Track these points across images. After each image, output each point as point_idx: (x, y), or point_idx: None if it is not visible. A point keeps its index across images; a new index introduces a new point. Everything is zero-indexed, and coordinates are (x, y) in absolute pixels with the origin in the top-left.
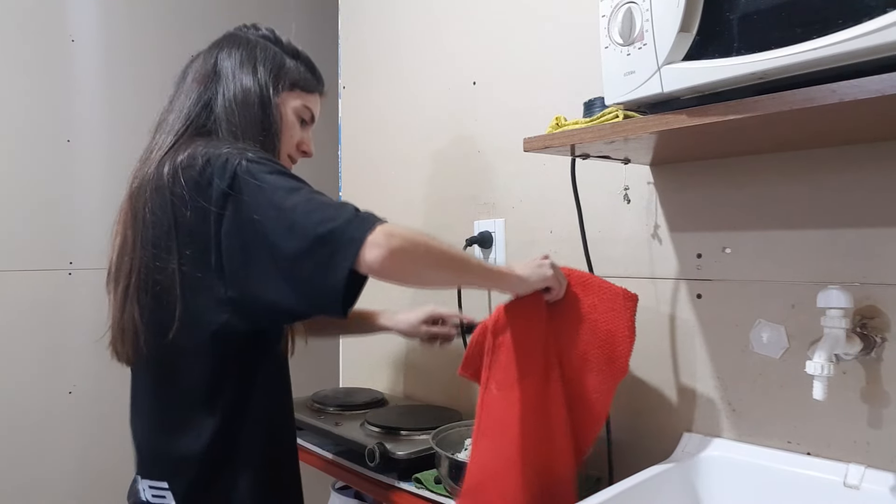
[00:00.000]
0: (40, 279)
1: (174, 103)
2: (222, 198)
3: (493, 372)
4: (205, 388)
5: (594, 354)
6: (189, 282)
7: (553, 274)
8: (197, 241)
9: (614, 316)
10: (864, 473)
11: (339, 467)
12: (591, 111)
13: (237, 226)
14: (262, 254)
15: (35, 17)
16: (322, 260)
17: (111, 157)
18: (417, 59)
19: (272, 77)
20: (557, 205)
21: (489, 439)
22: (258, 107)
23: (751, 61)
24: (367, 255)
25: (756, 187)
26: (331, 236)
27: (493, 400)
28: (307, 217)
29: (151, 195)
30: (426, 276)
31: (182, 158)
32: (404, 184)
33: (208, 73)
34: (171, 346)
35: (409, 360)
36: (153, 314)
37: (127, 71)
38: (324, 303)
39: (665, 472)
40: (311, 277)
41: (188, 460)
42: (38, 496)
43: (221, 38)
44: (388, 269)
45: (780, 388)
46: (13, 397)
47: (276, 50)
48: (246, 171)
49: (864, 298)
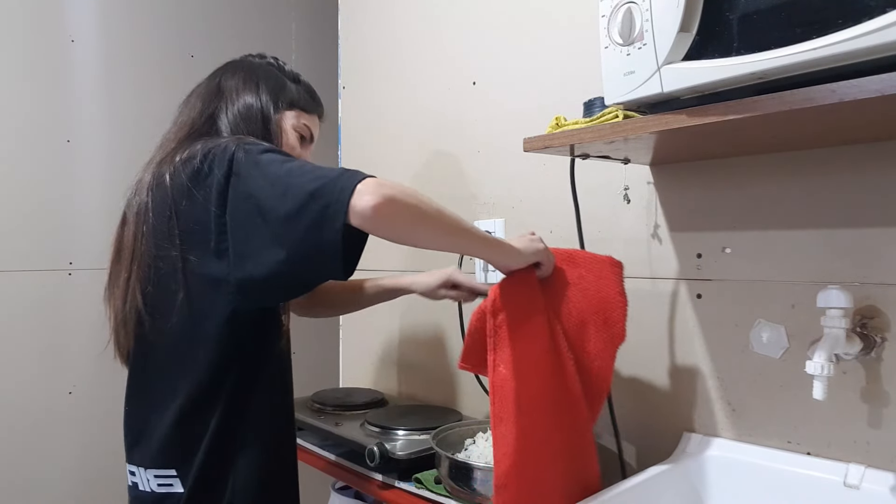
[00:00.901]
0: (40, 279)
1: (177, 120)
2: (224, 180)
3: (498, 353)
4: (208, 378)
5: (591, 319)
6: (191, 267)
7: (545, 248)
8: (197, 227)
9: (604, 283)
10: (864, 473)
11: (339, 467)
12: (591, 111)
13: (235, 205)
14: (258, 223)
15: (35, 17)
16: (315, 216)
17: (111, 158)
18: (417, 59)
19: (272, 95)
20: (557, 205)
21: (509, 423)
22: (260, 121)
23: (750, 61)
24: (358, 203)
25: (756, 187)
26: (322, 189)
27: (503, 380)
28: (299, 178)
29: (151, 194)
30: (420, 232)
31: (182, 156)
32: (404, 183)
33: (211, 92)
34: (174, 333)
35: (409, 360)
36: (156, 300)
37: (127, 71)
38: (323, 260)
39: (665, 472)
40: (306, 234)
41: (195, 446)
42: (38, 496)
43: (225, 64)
44: (380, 217)
45: (780, 388)
46: (13, 397)
47: (277, 74)
48: (245, 152)
49: (863, 298)
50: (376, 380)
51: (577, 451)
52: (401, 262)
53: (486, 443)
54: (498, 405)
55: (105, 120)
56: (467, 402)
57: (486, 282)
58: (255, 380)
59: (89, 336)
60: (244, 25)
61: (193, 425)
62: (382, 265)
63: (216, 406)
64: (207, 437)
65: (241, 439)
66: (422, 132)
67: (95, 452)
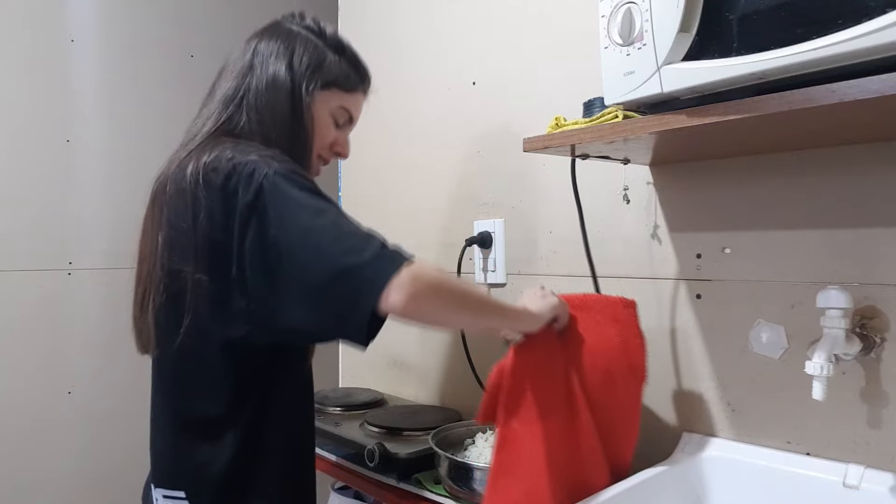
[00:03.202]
0: (40, 279)
1: (210, 98)
2: (247, 210)
3: (513, 410)
4: (224, 400)
5: (617, 367)
6: (203, 290)
7: (559, 301)
8: (216, 250)
9: (621, 326)
10: (864, 473)
11: (338, 467)
12: (591, 111)
13: (261, 244)
14: (285, 276)
15: (35, 17)
16: (346, 295)
17: (111, 157)
18: (417, 60)
19: (308, 73)
20: (557, 205)
21: (514, 477)
22: (289, 106)
23: (750, 61)
24: (391, 298)
25: (755, 187)
26: (357, 271)
27: (516, 436)
28: (333, 245)
29: (172, 196)
30: (447, 319)
31: (207, 160)
32: (404, 184)
33: (244, 66)
34: (185, 353)
35: (408, 361)
36: (169, 318)
37: (127, 71)
38: (347, 334)
39: (664, 472)
40: (334, 309)
41: (208, 473)
42: (38, 496)
43: (264, 28)
44: (410, 312)
45: (779, 389)
46: (13, 397)
47: (317, 43)
48: (273, 184)
49: (863, 299)
50: (376, 380)
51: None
52: None
53: (486, 443)
54: (506, 460)
55: (105, 120)
56: (467, 402)
57: (487, 282)
58: (276, 400)
59: (89, 336)
60: (244, 25)
61: (205, 451)
62: None
63: (231, 433)
64: (223, 462)
65: (261, 463)
66: (421, 132)
67: (95, 452)
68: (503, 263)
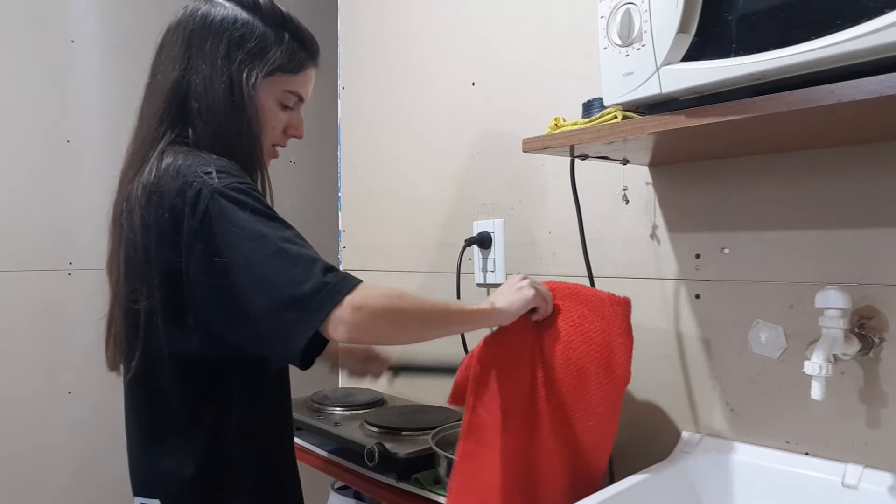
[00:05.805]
0: (40, 279)
1: (147, 103)
2: (193, 233)
3: (479, 397)
4: (187, 409)
5: (591, 367)
6: (157, 308)
7: (535, 294)
8: (168, 270)
9: (606, 323)
10: (863, 473)
11: (338, 467)
12: (590, 112)
13: (205, 266)
14: (229, 300)
15: (35, 18)
16: (284, 326)
17: (111, 158)
18: (417, 60)
19: (248, 65)
20: (556, 205)
21: (481, 462)
22: (230, 105)
23: (749, 62)
24: (332, 331)
25: (754, 188)
26: (297, 304)
27: (481, 423)
28: (276, 275)
29: (127, 215)
30: (402, 338)
31: (151, 179)
32: (403, 184)
33: (180, 61)
34: (146, 367)
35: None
36: (128, 336)
37: (127, 71)
38: (286, 358)
39: (664, 471)
40: (273, 338)
41: (179, 479)
42: (38, 496)
43: (188, 18)
44: (356, 340)
45: (778, 388)
46: (13, 397)
47: (254, 24)
48: (219, 209)
49: (862, 299)
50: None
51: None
52: (400, 262)
53: None
54: (472, 443)
55: (105, 120)
56: None
57: (486, 282)
58: (241, 405)
59: (89, 336)
60: None
61: (174, 460)
62: (383, 265)
63: (198, 441)
64: (193, 468)
65: (233, 470)
66: (421, 133)
67: (95, 452)
68: (502, 264)
